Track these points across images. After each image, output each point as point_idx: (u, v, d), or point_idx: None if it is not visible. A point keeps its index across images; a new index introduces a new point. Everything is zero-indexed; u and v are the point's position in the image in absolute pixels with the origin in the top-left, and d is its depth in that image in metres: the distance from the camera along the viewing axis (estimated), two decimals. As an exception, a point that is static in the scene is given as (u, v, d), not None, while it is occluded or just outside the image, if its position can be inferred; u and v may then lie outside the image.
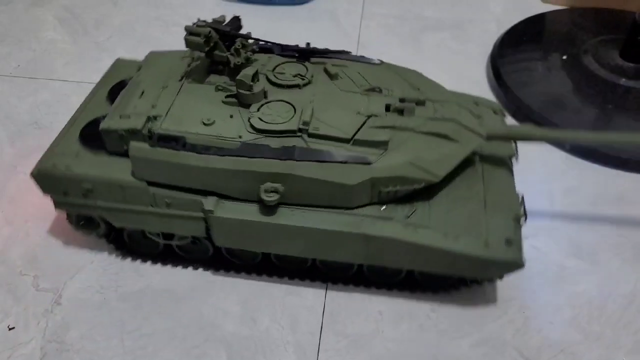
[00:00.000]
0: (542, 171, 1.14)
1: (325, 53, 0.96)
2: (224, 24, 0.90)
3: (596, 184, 1.12)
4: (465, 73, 1.40)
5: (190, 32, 0.86)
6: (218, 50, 0.88)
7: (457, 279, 0.91)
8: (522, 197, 0.87)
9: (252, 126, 0.82)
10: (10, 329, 0.89)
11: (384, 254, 0.84)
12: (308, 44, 0.97)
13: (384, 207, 0.84)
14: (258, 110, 0.84)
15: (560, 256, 0.98)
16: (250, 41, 0.92)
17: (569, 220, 1.05)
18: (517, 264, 0.81)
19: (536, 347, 0.87)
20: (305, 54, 0.95)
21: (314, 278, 0.95)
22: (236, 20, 0.92)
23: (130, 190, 0.86)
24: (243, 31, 0.92)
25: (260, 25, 1.39)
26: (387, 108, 0.85)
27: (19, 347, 0.87)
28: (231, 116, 0.85)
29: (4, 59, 1.45)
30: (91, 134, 0.90)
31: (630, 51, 1.29)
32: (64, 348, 0.87)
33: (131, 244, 0.98)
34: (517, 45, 1.42)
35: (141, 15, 1.61)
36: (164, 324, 0.90)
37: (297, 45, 0.96)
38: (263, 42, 0.96)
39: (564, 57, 1.34)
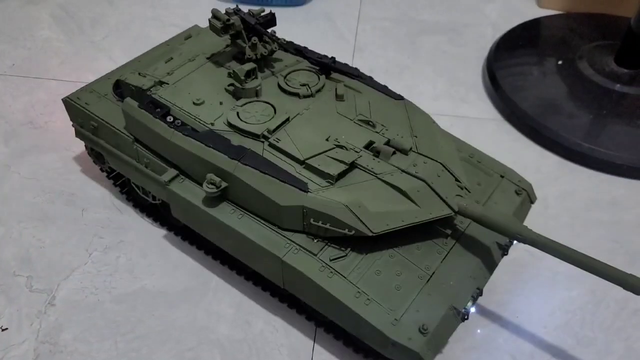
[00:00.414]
0: (537, 176, 1.15)
1: (348, 72, 0.94)
2: (259, 16, 0.93)
3: (590, 189, 1.13)
4: (461, 77, 1.40)
5: (213, 15, 0.90)
6: (240, 40, 0.92)
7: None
8: (478, 295, 0.78)
9: (227, 118, 0.84)
10: (3, 330, 0.88)
11: (297, 286, 0.79)
12: (333, 58, 0.95)
13: (315, 240, 0.78)
14: (242, 105, 0.86)
15: (553, 261, 0.97)
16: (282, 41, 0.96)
17: (562, 225, 1.05)
18: (416, 356, 0.70)
19: (529, 352, 0.87)
20: (326, 68, 0.94)
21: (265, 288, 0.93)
22: (270, 17, 0.95)
23: (121, 140, 0.93)
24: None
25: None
26: (369, 145, 0.82)
27: (12, 349, 0.86)
28: (221, 103, 0.87)
29: (-2, 57, 1.45)
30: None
31: (625, 57, 1.30)
32: (57, 349, 0.86)
33: (130, 187, 1.03)
34: (513, 49, 1.42)
35: (137, 15, 1.61)
36: (157, 326, 0.89)
37: (326, 56, 0.96)
38: (284, 43, 0.98)
39: (560, 62, 1.35)
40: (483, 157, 0.93)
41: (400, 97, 0.93)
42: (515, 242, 0.81)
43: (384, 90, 0.94)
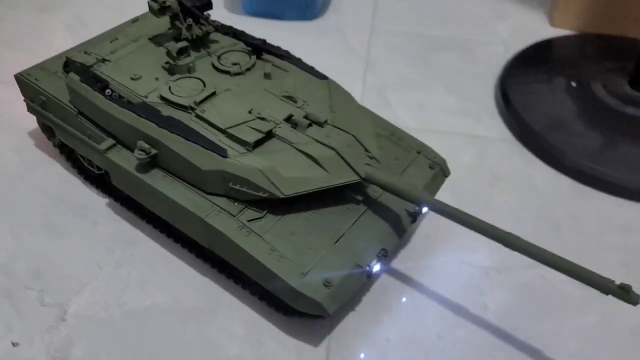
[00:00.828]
0: (549, 198, 1.14)
1: (278, 54, 1.03)
2: None
3: (602, 213, 1.12)
4: (472, 95, 1.40)
5: None
6: (178, 22, 1.00)
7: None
8: (383, 255, 0.85)
9: (160, 92, 0.93)
10: (14, 345, 0.88)
11: (219, 245, 0.87)
12: (264, 40, 1.05)
13: (236, 203, 0.86)
14: (175, 80, 0.95)
15: (566, 285, 0.98)
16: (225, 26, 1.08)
17: (575, 249, 1.04)
18: (319, 306, 0.78)
19: (542, 378, 0.87)
20: (258, 49, 1.03)
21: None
22: (207, 1, 1.03)
23: (67, 113, 1.01)
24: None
25: (269, 39, 1.39)
26: (289, 118, 0.90)
27: (22, 364, 0.86)
28: (157, 79, 0.96)
29: (12, 66, 1.44)
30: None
31: (639, 80, 1.30)
32: (68, 366, 0.86)
33: (81, 160, 1.10)
34: (526, 68, 1.42)
35: (150, 25, 1.61)
36: (168, 343, 0.89)
37: (258, 39, 1.06)
38: (219, 26, 1.09)
39: (573, 84, 1.35)
40: (403, 135, 1.02)
41: (324, 77, 1.01)
42: (424, 211, 0.93)
43: (310, 70, 1.02)
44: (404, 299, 0.96)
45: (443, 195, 0.99)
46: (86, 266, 0.99)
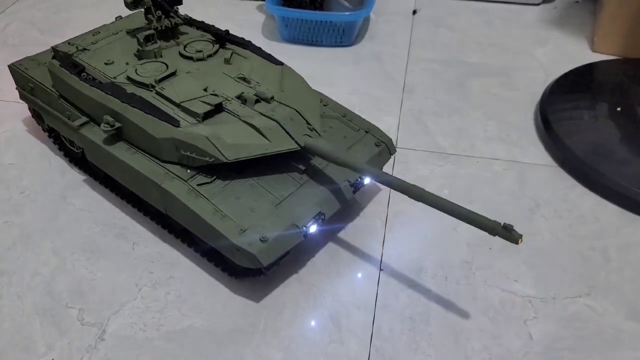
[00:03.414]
0: (595, 225, 1.10)
1: (240, 43, 1.13)
2: None
3: (652, 242, 1.08)
4: (512, 121, 1.38)
5: None
6: (150, 15, 1.10)
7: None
8: (320, 218, 0.92)
9: (127, 74, 1.03)
10: (53, 364, 0.89)
11: (173, 209, 0.94)
12: (227, 30, 1.14)
13: (188, 170, 0.94)
14: (142, 64, 1.05)
15: (617, 318, 0.94)
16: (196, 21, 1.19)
17: (625, 280, 1.00)
18: (255, 259, 0.85)
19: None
20: (221, 39, 1.12)
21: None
22: None
23: (51, 97, 1.12)
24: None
25: (307, 65, 1.41)
26: (240, 95, 0.97)
27: (61, 383, 0.86)
28: (127, 63, 1.06)
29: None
30: None
31: (686, 105, 1.26)
32: (105, 386, 0.86)
33: (65, 141, 1.21)
34: (567, 94, 1.40)
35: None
36: (205, 367, 0.88)
37: (221, 30, 1.14)
38: (187, 18, 1.18)
39: (618, 109, 1.31)
40: (354, 117, 1.10)
41: (280, 63, 1.09)
42: (366, 182, 1.00)
43: (268, 57, 1.10)
44: (445, 327, 0.93)
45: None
46: (125, 286, 1.00)
